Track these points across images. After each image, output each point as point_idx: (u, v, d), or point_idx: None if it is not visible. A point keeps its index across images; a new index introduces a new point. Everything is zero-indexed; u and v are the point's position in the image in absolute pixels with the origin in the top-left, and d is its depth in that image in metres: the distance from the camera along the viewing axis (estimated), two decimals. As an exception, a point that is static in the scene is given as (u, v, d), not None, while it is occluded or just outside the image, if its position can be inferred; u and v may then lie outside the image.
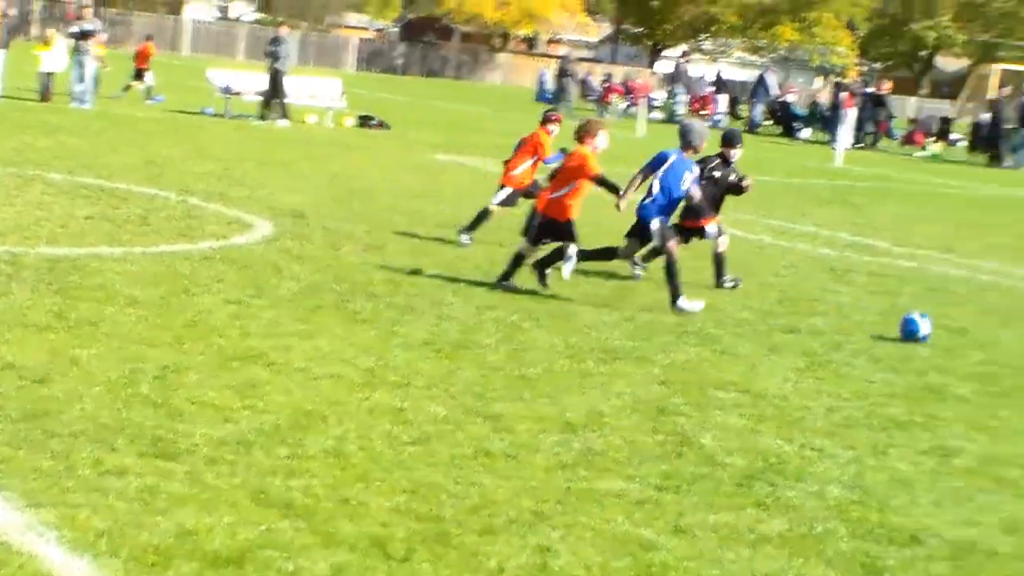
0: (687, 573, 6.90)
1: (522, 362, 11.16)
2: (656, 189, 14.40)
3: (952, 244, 22.17)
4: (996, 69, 62.11)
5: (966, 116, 63.66)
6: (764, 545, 7.41)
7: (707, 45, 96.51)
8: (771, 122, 54.95)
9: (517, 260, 14.53)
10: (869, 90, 51.12)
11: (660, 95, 60.43)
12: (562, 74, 54.91)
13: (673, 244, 14.18)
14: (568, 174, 14.60)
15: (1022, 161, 45.39)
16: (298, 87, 36.25)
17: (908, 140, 51.39)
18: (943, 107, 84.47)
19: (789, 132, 52.40)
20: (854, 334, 13.68)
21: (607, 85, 61.29)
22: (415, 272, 14.70)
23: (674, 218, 15.17)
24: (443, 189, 23.36)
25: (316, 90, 37.10)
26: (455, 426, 9.12)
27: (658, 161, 14.47)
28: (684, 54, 65.62)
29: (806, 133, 52.40)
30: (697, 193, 14.62)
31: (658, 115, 56.13)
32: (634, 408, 10.05)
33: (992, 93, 55.96)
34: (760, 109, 55.06)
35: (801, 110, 55.59)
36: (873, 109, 49.70)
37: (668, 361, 11.70)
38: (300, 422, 8.81)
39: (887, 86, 51.53)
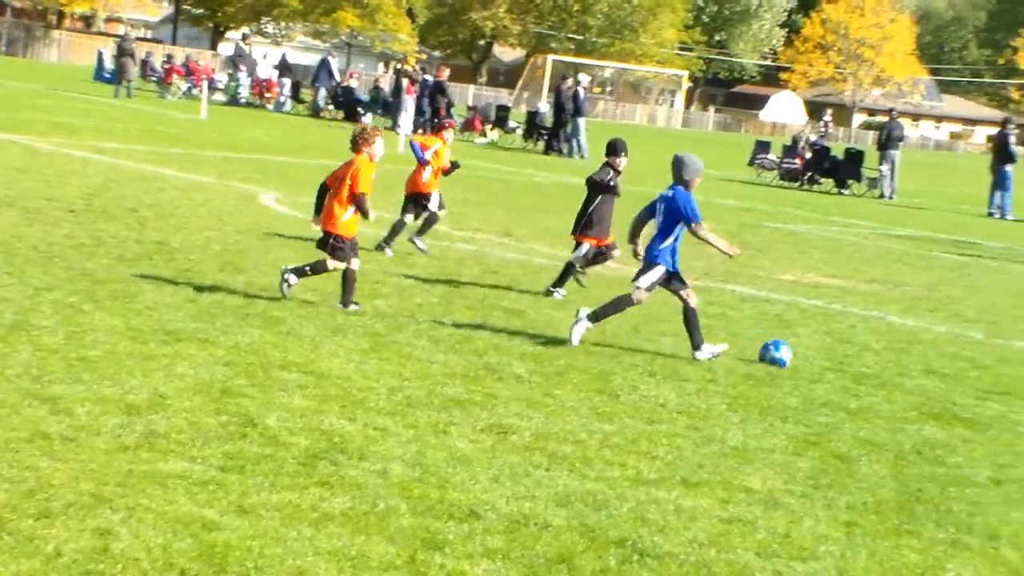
0: (250, 552, 6.90)
1: (82, 344, 10.92)
2: (664, 230, 13.32)
3: (509, 228, 22.77)
4: (549, 60, 64.07)
5: (522, 104, 65.49)
6: (327, 523, 7.47)
7: (270, 28, 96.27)
8: (334, 107, 55.19)
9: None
10: (428, 77, 51.96)
11: (222, 77, 59.89)
12: (121, 54, 53.77)
13: (688, 291, 13.39)
14: (340, 181, 13.87)
15: (575, 149, 46.96)
16: None
17: (467, 127, 52.47)
18: (501, 95, 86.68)
19: (352, 117, 52.76)
20: (416, 316, 13.91)
21: (168, 66, 60.33)
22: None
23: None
24: (-4, 168, 22.55)
25: None
26: (10, 409, 8.87)
27: (661, 201, 13.39)
28: (245, 36, 65.17)
29: (368, 118, 52.86)
30: (701, 226, 13.33)
31: (221, 97, 55.65)
32: (197, 390, 9.98)
33: (546, 83, 57.77)
34: (323, 94, 55.25)
35: (363, 95, 56.06)
36: (433, 96, 50.55)
37: (232, 343, 11.65)
38: None
39: (445, 73, 52.50)
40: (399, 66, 70.56)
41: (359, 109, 53.13)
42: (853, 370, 13.57)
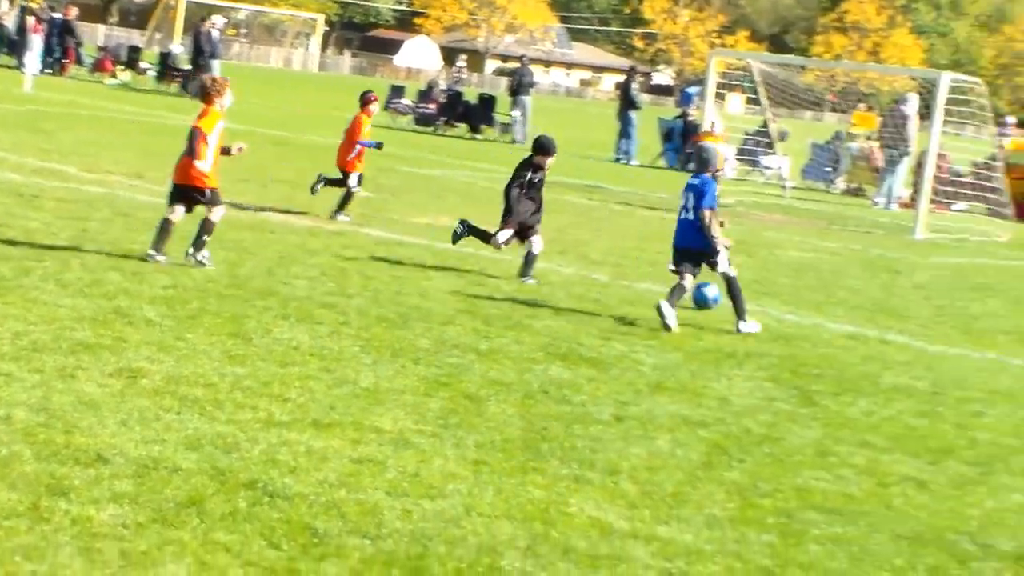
0: None
1: None
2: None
3: (141, 171, 22.33)
4: (183, 0, 62.99)
5: (155, 46, 64.21)
6: (-52, 471, 7.28)
7: None
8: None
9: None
10: (57, 16, 50.47)
11: None
12: None
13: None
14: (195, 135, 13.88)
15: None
16: None
17: (98, 67, 51.17)
18: (133, 36, 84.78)
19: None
20: (43, 260, 13.55)
21: None
22: None
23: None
24: None
25: None
26: None
27: (689, 190, 14.26)
28: None
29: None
30: (714, 215, 14.27)
31: None
32: None
33: (179, 24, 56.87)
34: (-57, 30, 53.10)
35: (-13, 32, 54.13)
36: (61, 35, 49.14)
37: None
38: None
39: (73, 12, 51.06)
40: (24, 3, 68.18)
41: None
42: (484, 312, 13.82)
